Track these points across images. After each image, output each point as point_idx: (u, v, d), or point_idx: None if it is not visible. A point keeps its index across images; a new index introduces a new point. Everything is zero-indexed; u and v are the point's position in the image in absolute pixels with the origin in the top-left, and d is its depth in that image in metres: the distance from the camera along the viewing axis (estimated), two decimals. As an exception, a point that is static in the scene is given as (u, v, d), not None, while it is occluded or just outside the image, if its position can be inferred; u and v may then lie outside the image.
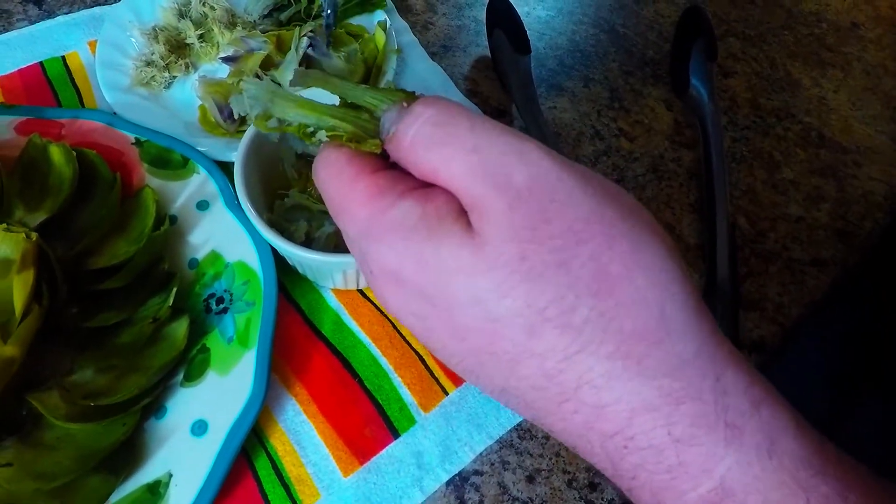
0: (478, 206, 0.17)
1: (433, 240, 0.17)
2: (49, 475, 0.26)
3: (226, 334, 0.32)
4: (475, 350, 0.18)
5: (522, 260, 0.16)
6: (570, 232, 0.16)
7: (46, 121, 0.38)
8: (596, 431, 0.17)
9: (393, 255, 0.18)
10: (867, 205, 0.45)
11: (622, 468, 0.17)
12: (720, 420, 0.16)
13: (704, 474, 0.16)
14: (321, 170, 0.20)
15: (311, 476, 0.30)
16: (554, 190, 0.16)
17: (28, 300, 0.27)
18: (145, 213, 0.34)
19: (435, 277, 0.17)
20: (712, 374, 0.16)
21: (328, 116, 0.21)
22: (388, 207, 0.18)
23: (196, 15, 0.44)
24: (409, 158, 0.18)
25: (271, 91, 0.21)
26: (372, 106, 0.21)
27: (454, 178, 0.17)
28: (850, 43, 0.56)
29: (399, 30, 0.48)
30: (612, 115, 0.48)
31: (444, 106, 0.18)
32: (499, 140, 0.17)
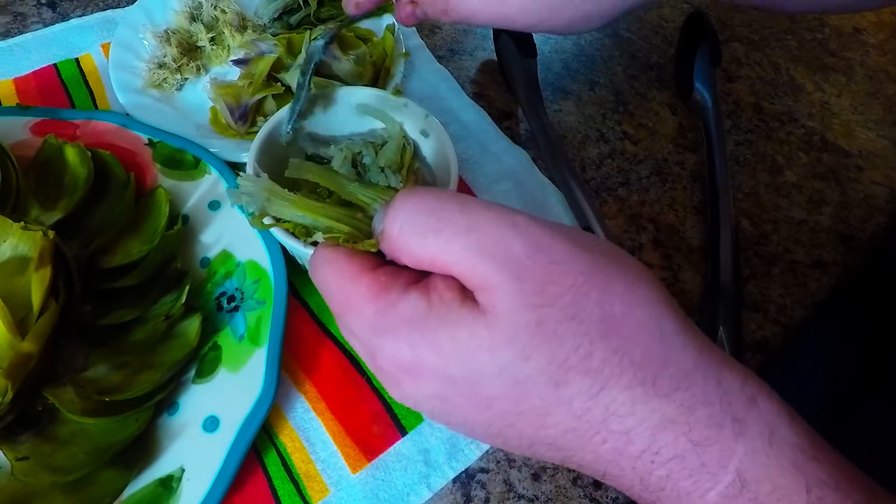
0: (485, 285, 0.18)
1: (446, 326, 0.18)
2: (64, 469, 0.27)
3: (237, 332, 0.32)
4: (502, 414, 0.19)
5: (539, 324, 0.17)
6: (574, 287, 0.17)
7: (61, 122, 0.38)
8: (625, 455, 0.18)
9: (407, 348, 0.19)
10: (869, 208, 0.45)
11: (650, 483, 0.18)
12: (727, 417, 0.18)
13: (722, 470, 0.17)
14: (320, 268, 0.21)
15: (320, 472, 0.31)
16: (552, 252, 0.18)
17: (45, 297, 0.28)
18: (158, 212, 0.35)
19: (456, 360, 0.18)
20: (713, 378, 0.18)
21: (324, 217, 0.21)
22: (395, 302, 0.19)
23: (207, 18, 0.45)
24: (402, 251, 0.19)
25: (268, 189, 0.21)
26: (365, 204, 0.22)
27: (455, 261, 0.18)
28: (852, 48, 0.56)
29: (407, 33, 0.49)
30: (617, 118, 0.48)
31: (426, 193, 0.19)
32: (489, 216, 0.18)
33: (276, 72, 0.41)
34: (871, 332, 0.44)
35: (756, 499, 0.17)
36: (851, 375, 0.44)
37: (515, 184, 0.43)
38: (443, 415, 0.20)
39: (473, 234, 0.18)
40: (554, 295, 0.17)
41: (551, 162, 0.43)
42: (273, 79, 0.41)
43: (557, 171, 0.43)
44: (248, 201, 0.22)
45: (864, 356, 0.44)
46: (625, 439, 0.18)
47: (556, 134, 0.44)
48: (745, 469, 0.17)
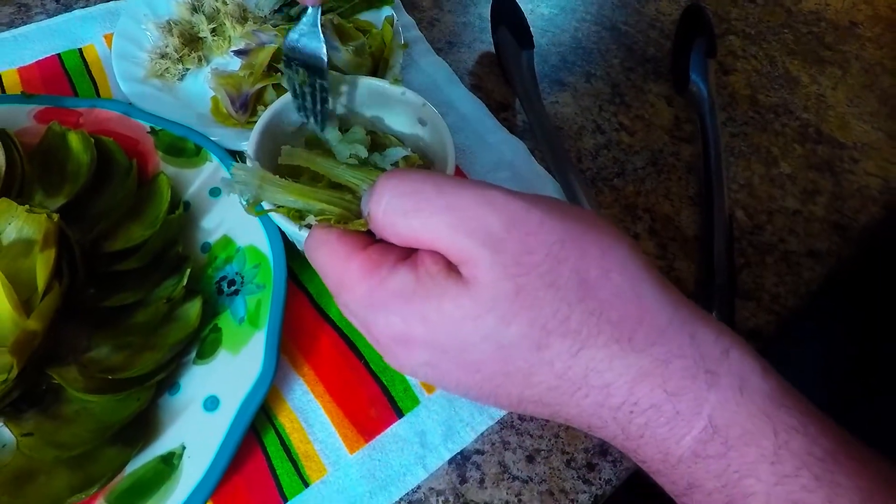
0: (466, 258, 0.19)
1: (433, 298, 0.19)
2: (68, 445, 0.28)
3: (237, 315, 0.33)
4: (490, 376, 0.20)
5: (518, 292, 0.18)
6: (550, 255, 0.19)
7: (65, 109, 0.39)
8: (606, 406, 0.19)
9: (399, 320, 0.20)
10: (862, 199, 0.46)
11: (630, 431, 0.20)
12: (700, 369, 0.19)
13: (696, 417, 0.19)
14: (314, 250, 0.22)
15: (318, 452, 0.32)
16: (527, 224, 0.19)
17: (49, 278, 0.29)
18: (160, 198, 0.35)
19: (443, 329, 0.19)
20: (687, 333, 0.19)
21: (315, 200, 0.22)
22: (386, 278, 0.20)
23: (209, 9, 0.45)
24: (387, 231, 0.20)
25: (260, 177, 0.22)
26: (354, 185, 0.22)
27: (437, 238, 0.19)
28: (848, 42, 0.57)
29: (406, 25, 0.50)
30: (613, 109, 0.49)
31: (405, 175, 0.20)
32: (466, 194, 0.19)
33: (277, 62, 0.42)
34: (864, 321, 0.45)
35: (727, 442, 0.19)
36: (846, 366, 0.45)
37: (513, 174, 0.43)
38: (436, 380, 0.21)
39: (452, 212, 0.19)
40: (531, 264, 0.18)
41: (548, 152, 0.44)
42: (273, 69, 0.42)
43: (554, 161, 0.43)
44: (241, 189, 0.23)
45: (859, 346, 0.44)
46: (605, 392, 0.19)
47: (552, 125, 0.45)
48: (716, 416, 0.19)
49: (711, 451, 0.19)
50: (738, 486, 0.19)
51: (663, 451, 0.20)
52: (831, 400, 0.44)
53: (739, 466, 0.19)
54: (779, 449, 0.18)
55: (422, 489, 0.32)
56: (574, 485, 0.32)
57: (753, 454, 0.19)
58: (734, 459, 0.19)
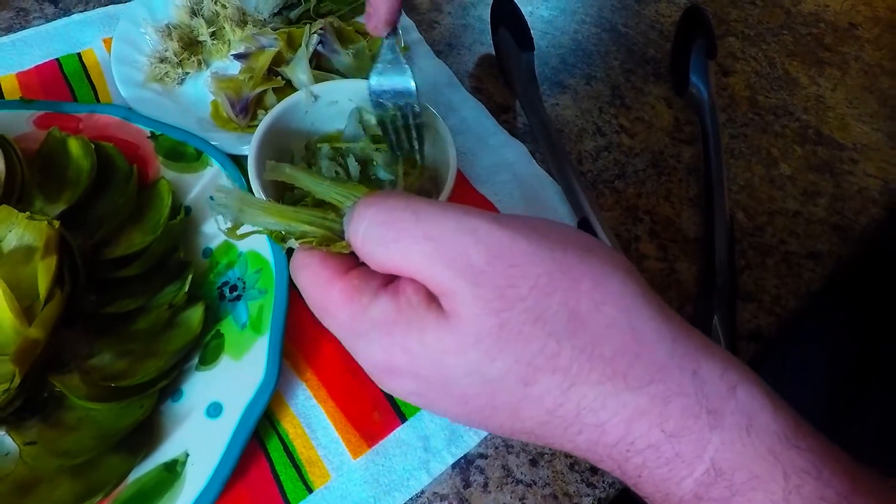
0: (445, 291, 0.18)
1: (414, 330, 0.19)
2: (70, 453, 0.27)
3: (239, 321, 0.33)
4: (478, 409, 0.19)
5: (501, 327, 0.17)
6: (536, 289, 0.18)
7: (65, 115, 0.39)
8: (601, 444, 0.19)
9: (380, 350, 0.19)
10: (863, 200, 0.46)
11: (627, 469, 0.19)
12: (703, 408, 0.18)
13: (697, 459, 0.18)
14: (298, 273, 0.22)
15: (322, 458, 0.31)
16: (511, 255, 0.18)
17: (51, 285, 0.29)
18: (161, 203, 0.35)
19: (425, 362, 0.19)
20: (689, 368, 0.18)
21: (297, 222, 0.22)
22: (367, 306, 0.19)
23: (208, 13, 0.45)
24: (367, 258, 0.20)
25: (240, 199, 0.22)
26: (338, 202, 0.22)
27: (416, 269, 0.18)
28: (847, 43, 0.57)
29: (405, 28, 0.50)
30: (614, 111, 0.49)
31: (383, 202, 0.19)
32: (447, 223, 0.18)
33: (277, 66, 0.42)
34: (865, 322, 0.45)
35: (731, 486, 0.18)
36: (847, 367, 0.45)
37: (513, 176, 0.43)
38: (426, 407, 0.21)
39: (430, 243, 0.18)
40: (514, 298, 0.17)
41: (549, 155, 0.44)
42: (273, 73, 0.42)
43: (555, 163, 0.43)
44: (223, 213, 0.22)
45: (859, 346, 0.45)
46: (599, 431, 0.18)
47: (553, 127, 0.45)
48: (719, 458, 0.18)
49: (715, 495, 0.18)
50: None
51: (663, 491, 0.19)
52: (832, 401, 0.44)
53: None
54: (789, 494, 0.17)
55: (425, 494, 0.31)
56: (578, 488, 0.32)
57: (761, 499, 0.17)
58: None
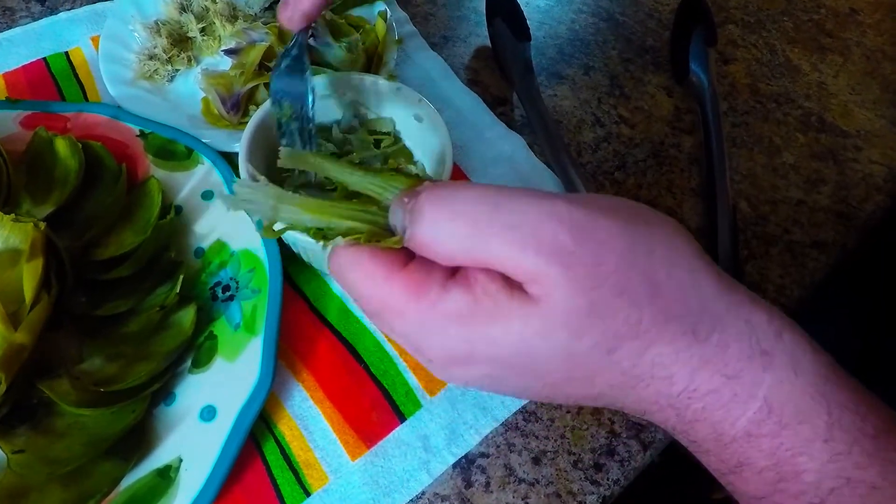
0: (533, 277, 0.18)
1: (498, 319, 0.19)
2: (61, 461, 0.27)
3: (232, 321, 0.32)
4: (553, 383, 0.20)
5: (592, 305, 0.18)
6: (621, 263, 0.18)
7: (52, 115, 0.38)
8: (665, 394, 0.20)
9: (460, 342, 0.19)
10: (867, 188, 0.45)
11: (686, 416, 0.20)
12: (756, 351, 0.19)
13: (752, 398, 0.19)
14: (346, 272, 0.20)
15: (320, 460, 0.31)
16: (595, 233, 0.18)
17: (37, 289, 0.28)
18: (151, 203, 0.34)
19: (511, 348, 0.19)
20: (743, 318, 0.19)
21: (340, 218, 0.20)
22: (437, 301, 0.19)
23: (198, 8, 0.44)
24: (438, 254, 0.19)
25: (275, 196, 0.20)
26: (376, 194, 0.20)
27: (498, 259, 0.18)
28: (849, 28, 0.56)
29: (399, 20, 0.49)
30: (613, 102, 0.48)
31: (452, 194, 0.19)
32: (527, 209, 0.18)
33: (268, 60, 0.41)
34: (869, 314, 0.44)
35: (781, 421, 0.19)
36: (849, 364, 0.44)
37: (511, 169, 0.42)
38: (493, 389, 0.21)
39: (514, 232, 0.18)
40: (603, 275, 0.18)
41: (547, 147, 0.43)
42: (265, 67, 0.41)
43: (553, 155, 0.42)
44: (252, 210, 0.20)
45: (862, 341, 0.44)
46: (667, 382, 0.19)
47: (551, 119, 0.44)
48: (771, 396, 0.19)
49: (765, 431, 0.19)
50: (790, 463, 0.19)
51: (717, 432, 0.20)
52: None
53: (792, 444, 0.19)
54: (831, 427, 0.19)
55: (426, 495, 0.31)
56: (582, 486, 0.32)
57: (807, 432, 0.19)
58: (787, 438, 0.19)
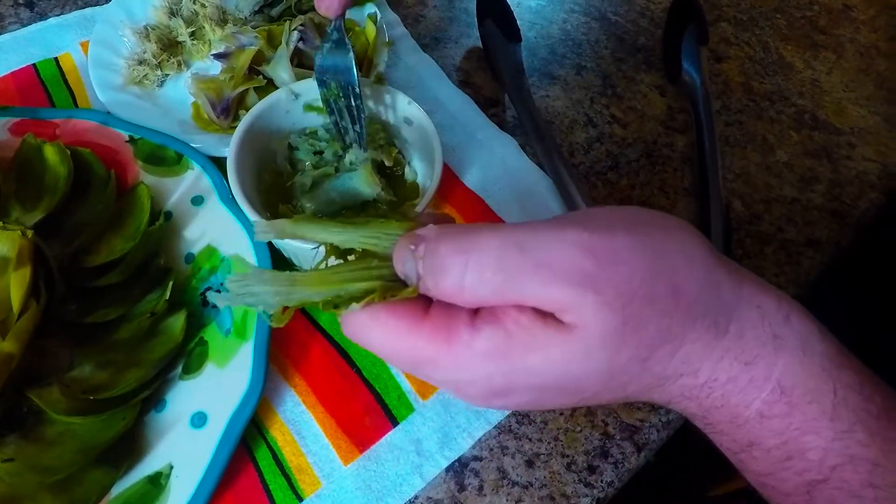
0: (565, 307, 0.19)
1: (536, 350, 0.19)
2: (51, 469, 0.27)
3: (223, 327, 0.32)
4: (590, 396, 0.21)
5: (625, 322, 0.19)
6: (645, 276, 0.19)
7: (41, 121, 0.38)
8: (688, 387, 0.21)
9: (500, 378, 0.19)
10: (861, 185, 0.45)
11: (706, 403, 0.21)
12: (769, 337, 0.20)
13: (766, 381, 0.20)
14: (368, 334, 0.20)
15: (312, 465, 0.31)
16: (616, 254, 0.19)
17: (25, 297, 0.28)
18: (140, 209, 0.34)
19: (551, 375, 0.19)
20: (754, 304, 0.20)
21: (347, 283, 0.20)
22: (470, 342, 0.19)
23: (187, 13, 0.44)
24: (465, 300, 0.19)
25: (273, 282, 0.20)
26: (372, 246, 0.20)
27: (533, 296, 0.19)
28: (842, 25, 0.55)
29: (390, 22, 0.49)
30: (605, 102, 0.48)
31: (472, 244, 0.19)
32: (550, 244, 0.19)
33: (258, 64, 0.41)
34: (864, 309, 0.44)
35: (791, 401, 0.20)
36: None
37: (504, 171, 0.42)
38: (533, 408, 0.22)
39: (544, 270, 0.18)
40: (631, 292, 0.19)
41: (539, 148, 0.43)
42: (254, 71, 0.41)
43: (546, 156, 0.42)
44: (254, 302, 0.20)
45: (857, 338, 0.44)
46: (692, 377, 0.20)
47: (543, 120, 0.44)
48: (783, 378, 0.20)
49: (777, 411, 0.20)
50: (798, 442, 0.20)
51: (733, 415, 0.21)
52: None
53: (801, 424, 0.20)
54: (837, 406, 0.20)
55: (419, 499, 0.31)
56: (575, 488, 0.32)
57: (815, 411, 0.20)
58: (796, 418, 0.20)
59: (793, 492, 0.21)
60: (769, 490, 0.22)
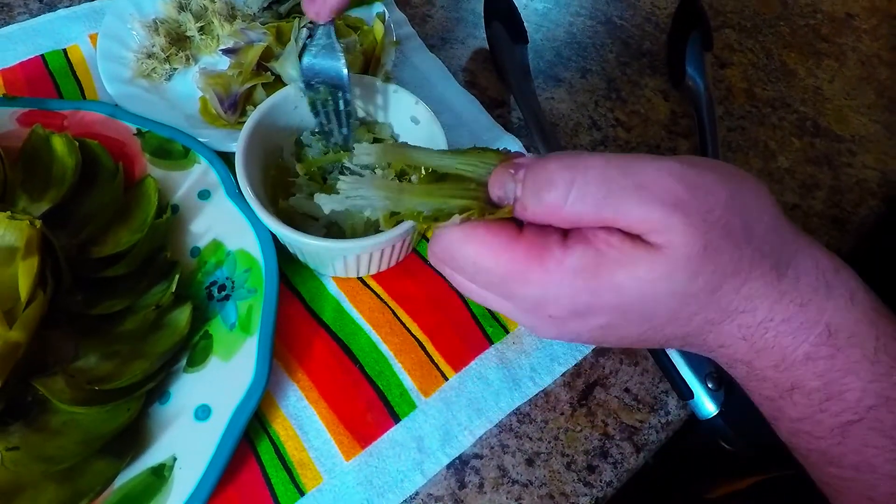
0: (656, 227, 0.20)
1: (624, 267, 0.20)
2: (55, 458, 0.27)
3: (228, 321, 0.32)
4: (657, 324, 0.22)
5: (706, 246, 0.20)
6: (726, 210, 0.21)
7: (49, 112, 0.38)
8: (745, 326, 0.22)
9: (586, 295, 0.21)
10: (861, 192, 0.45)
11: (757, 343, 0.22)
12: (821, 282, 0.22)
13: (816, 324, 0.22)
14: (464, 248, 0.21)
15: (314, 460, 0.31)
16: (704, 186, 0.21)
17: (32, 287, 0.28)
18: (147, 202, 0.34)
19: (636, 293, 0.21)
20: (811, 255, 0.22)
21: (449, 198, 0.21)
22: (562, 259, 0.21)
23: (196, 7, 0.44)
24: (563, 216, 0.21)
25: (383, 187, 0.21)
26: (469, 173, 0.22)
27: (629, 215, 0.20)
28: (844, 34, 0.56)
29: (397, 22, 0.49)
30: (609, 105, 0.48)
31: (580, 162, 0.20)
32: (648, 170, 0.20)
33: (266, 60, 0.41)
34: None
35: (836, 343, 0.21)
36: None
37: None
38: (600, 338, 0.23)
39: (642, 191, 0.20)
40: (713, 220, 0.20)
41: (544, 149, 0.43)
42: (262, 67, 0.41)
43: (550, 158, 0.42)
44: (361, 206, 0.21)
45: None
46: (751, 315, 0.22)
47: (548, 121, 0.44)
48: (832, 321, 0.22)
49: (823, 353, 0.22)
50: (838, 383, 0.22)
51: (780, 357, 0.22)
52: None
53: (843, 366, 0.21)
54: (878, 350, 0.21)
55: (420, 495, 0.31)
56: (575, 487, 0.32)
57: (857, 354, 0.21)
58: (839, 360, 0.21)
59: (826, 434, 0.22)
60: (802, 436, 0.23)
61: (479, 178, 0.22)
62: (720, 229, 0.20)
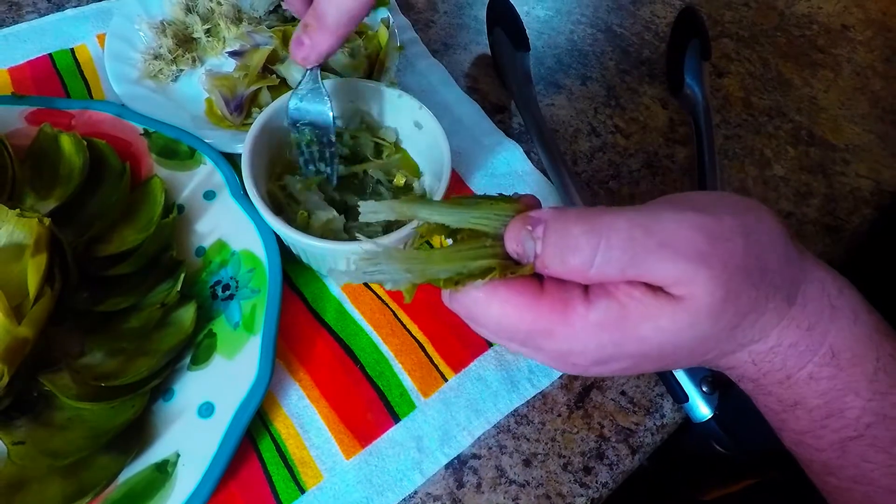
0: (679, 280, 0.20)
1: (648, 319, 0.21)
2: (60, 453, 0.27)
3: (232, 320, 0.33)
4: (676, 360, 0.23)
5: (727, 293, 0.21)
6: (743, 254, 0.21)
7: (57, 111, 0.39)
8: (756, 352, 0.23)
9: (611, 347, 0.21)
10: (855, 201, 0.46)
11: (764, 367, 0.23)
12: (826, 305, 0.23)
13: (820, 346, 0.22)
14: (486, 310, 0.21)
15: (314, 458, 0.31)
16: (722, 233, 0.21)
17: (41, 283, 0.28)
18: (153, 201, 0.35)
19: (659, 343, 0.21)
20: (817, 279, 0.23)
21: (468, 260, 0.21)
22: (585, 314, 0.21)
23: (203, 10, 0.45)
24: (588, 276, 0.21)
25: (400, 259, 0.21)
26: (483, 227, 0.21)
27: (653, 272, 0.20)
28: (840, 45, 0.57)
29: (401, 27, 0.49)
30: (609, 112, 0.49)
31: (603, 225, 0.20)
32: (668, 225, 0.21)
33: (272, 63, 0.42)
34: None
35: (838, 364, 0.22)
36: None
37: (508, 176, 0.43)
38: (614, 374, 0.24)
39: (667, 249, 0.20)
40: (733, 267, 0.21)
41: (544, 155, 0.44)
42: (268, 70, 0.42)
43: (550, 164, 0.43)
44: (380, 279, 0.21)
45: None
46: (763, 343, 0.22)
47: (548, 128, 0.45)
48: (835, 343, 0.22)
49: (825, 374, 0.22)
50: (839, 401, 0.22)
51: (785, 377, 0.23)
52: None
53: (844, 385, 0.22)
54: (878, 370, 0.22)
55: (419, 494, 0.31)
56: (571, 488, 0.32)
57: (858, 374, 0.22)
58: (841, 379, 0.22)
59: (827, 448, 0.23)
60: (804, 447, 0.24)
61: (494, 232, 0.21)
62: (739, 272, 0.21)
